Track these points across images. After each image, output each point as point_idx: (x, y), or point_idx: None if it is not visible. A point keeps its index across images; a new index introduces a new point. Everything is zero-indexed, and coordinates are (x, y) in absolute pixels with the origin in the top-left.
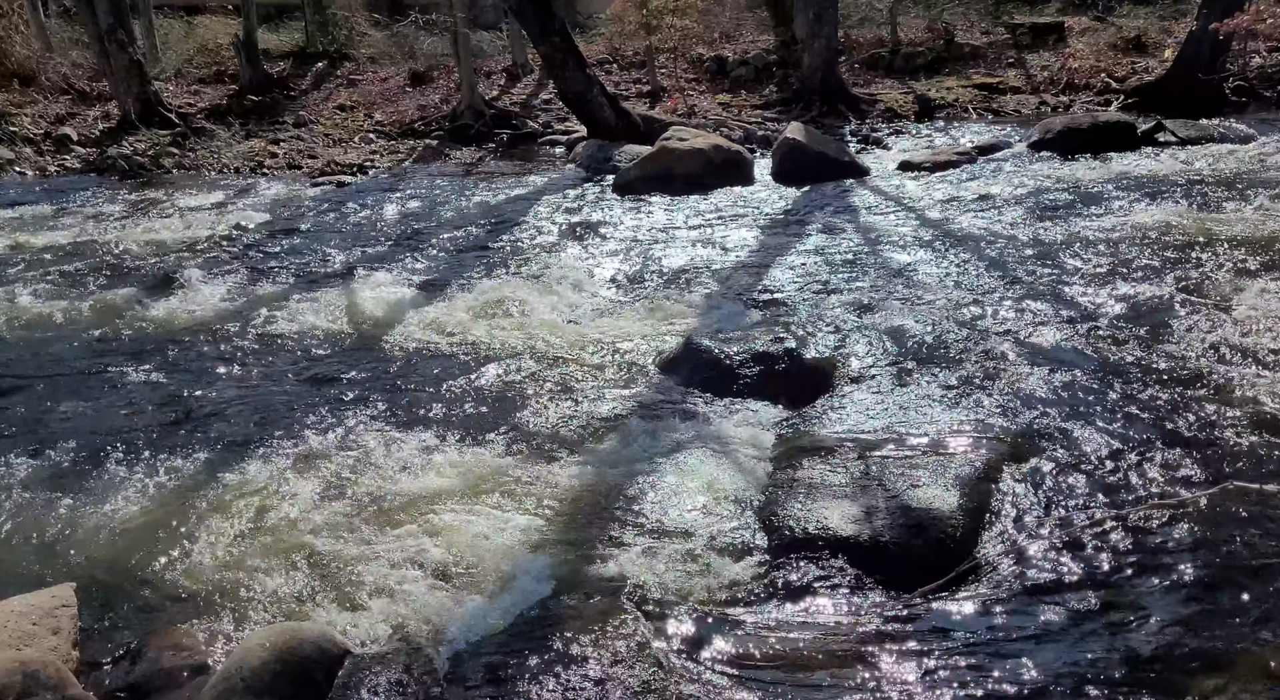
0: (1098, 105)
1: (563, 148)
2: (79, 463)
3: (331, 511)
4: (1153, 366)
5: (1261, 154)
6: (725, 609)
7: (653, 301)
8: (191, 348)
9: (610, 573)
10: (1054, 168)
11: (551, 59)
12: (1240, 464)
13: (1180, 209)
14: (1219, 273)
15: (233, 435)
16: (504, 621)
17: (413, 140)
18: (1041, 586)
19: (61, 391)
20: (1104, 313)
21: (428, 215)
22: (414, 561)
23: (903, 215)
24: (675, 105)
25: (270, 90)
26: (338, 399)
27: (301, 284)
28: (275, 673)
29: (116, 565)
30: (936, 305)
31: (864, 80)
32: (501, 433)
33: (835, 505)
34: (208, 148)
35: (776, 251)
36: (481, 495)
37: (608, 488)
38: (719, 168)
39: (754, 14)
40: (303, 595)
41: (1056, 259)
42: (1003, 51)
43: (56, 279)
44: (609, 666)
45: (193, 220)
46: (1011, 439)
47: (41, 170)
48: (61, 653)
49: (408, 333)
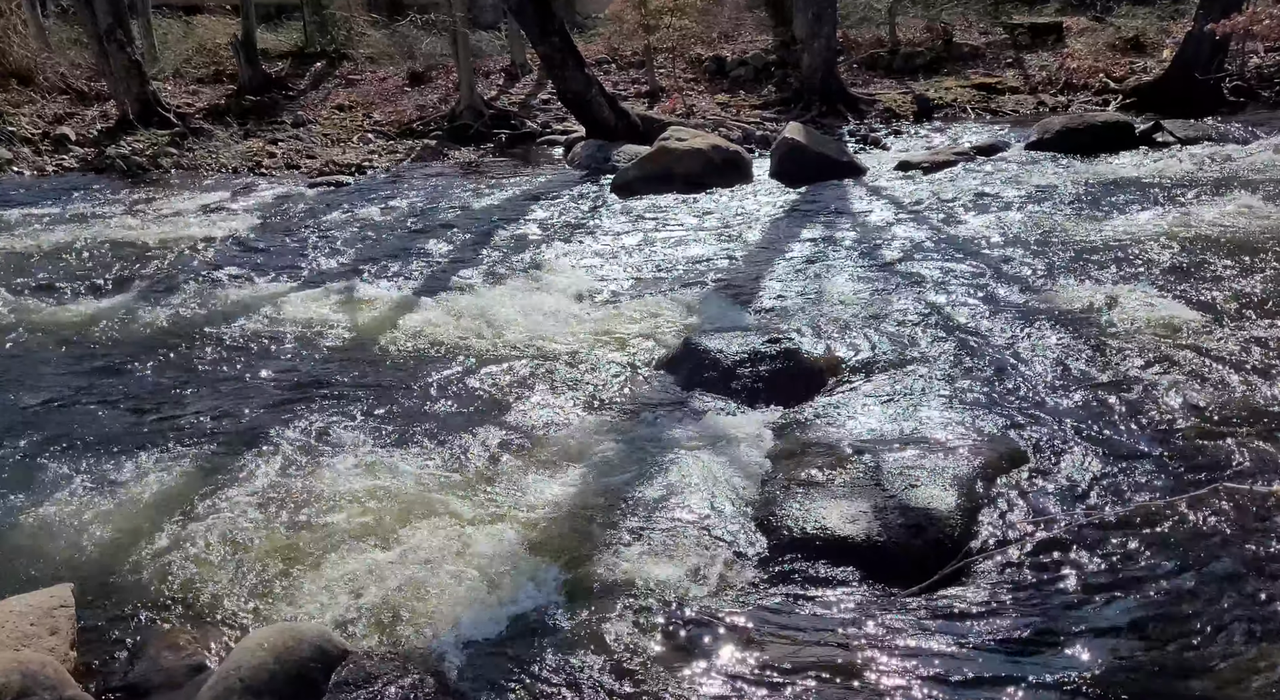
0: (1096, 105)
1: (561, 148)
2: (76, 463)
3: (330, 512)
4: (1148, 368)
5: (1259, 154)
6: (724, 609)
7: (651, 301)
8: (190, 349)
9: (609, 573)
10: (1052, 168)
11: (550, 59)
12: (1232, 465)
13: (1178, 210)
14: (1216, 274)
15: (232, 436)
16: (502, 623)
17: (411, 140)
18: (1035, 585)
19: (57, 392)
20: (1101, 314)
21: (426, 215)
22: (413, 562)
23: (901, 216)
24: (674, 105)
25: (269, 90)
26: (337, 400)
27: (299, 285)
28: (273, 673)
29: (115, 566)
30: (934, 306)
31: (863, 80)
32: (499, 433)
33: (834, 505)
34: (206, 148)
35: (775, 251)
36: (479, 496)
37: (606, 488)
38: (718, 168)
39: (753, 14)
40: (301, 595)
41: (1054, 260)
42: (1001, 52)
43: (53, 279)
44: (607, 667)
45: (190, 220)
46: (1008, 439)
47: (40, 170)
48: (60, 653)
49: (406, 333)
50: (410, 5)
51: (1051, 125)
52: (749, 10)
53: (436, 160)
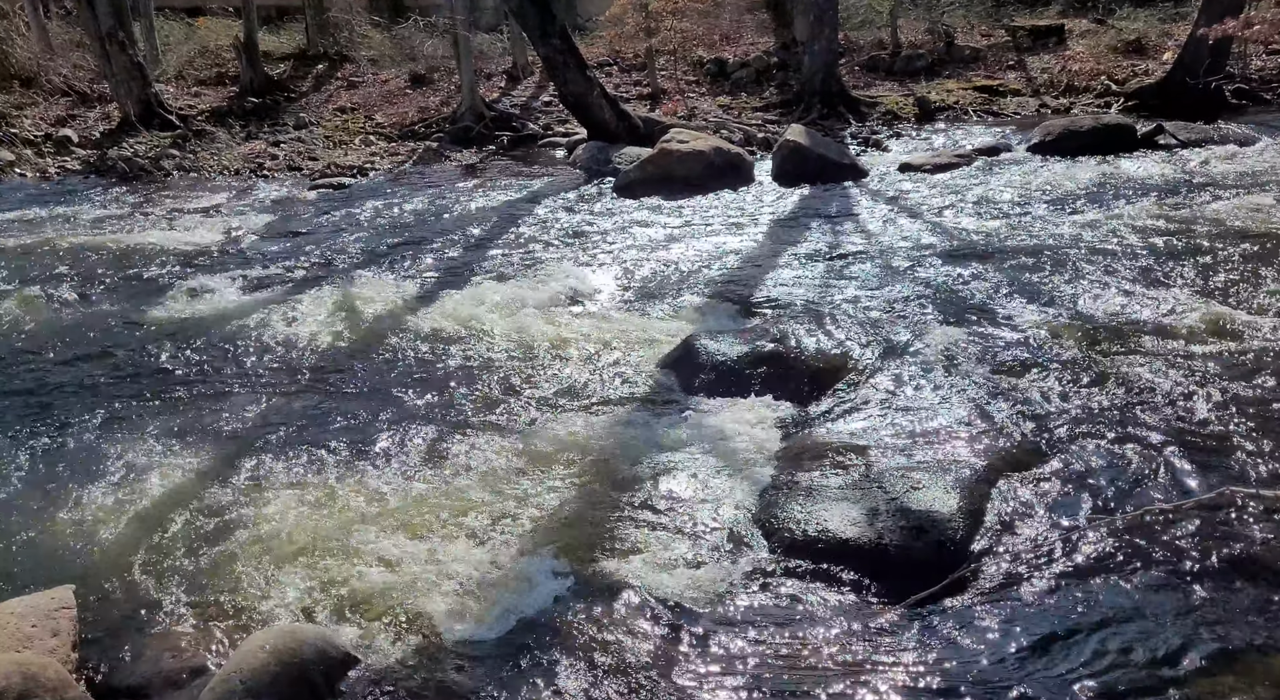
0: (1098, 108)
1: (563, 150)
2: (76, 465)
3: (330, 514)
4: (1152, 371)
5: (1261, 156)
6: (724, 612)
7: (653, 302)
8: (190, 351)
9: (610, 576)
10: (1054, 170)
11: (552, 61)
12: (1237, 469)
13: (1180, 212)
14: (1221, 277)
15: (232, 438)
16: (503, 624)
17: (413, 142)
18: (1037, 590)
19: (56, 394)
20: (1103, 316)
21: (428, 217)
22: (413, 564)
23: (903, 217)
24: (675, 107)
25: (271, 92)
26: (336, 402)
27: (301, 287)
28: (275, 675)
29: (116, 567)
30: (937, 308)
31: (864, 82)
32: (501, 434)
33: (835, 507)
34: (208, 150)
35: (777, 253)
36: (480, 498)
37: (606, 489)
38: (719, 169)
39: (754, 16)
40: (302, 597)
41: (1056, 262)
42: (1003, 54)
43: (55, 281)
44: (607, 669)
45: (193, 222)
46: (1010, 443)
47: (42, 172)
48: (61, 655)
49: (407, 335)
50: (412, 7)
51: (1053, 128)
52: (750, 13)
53: (438, 162)
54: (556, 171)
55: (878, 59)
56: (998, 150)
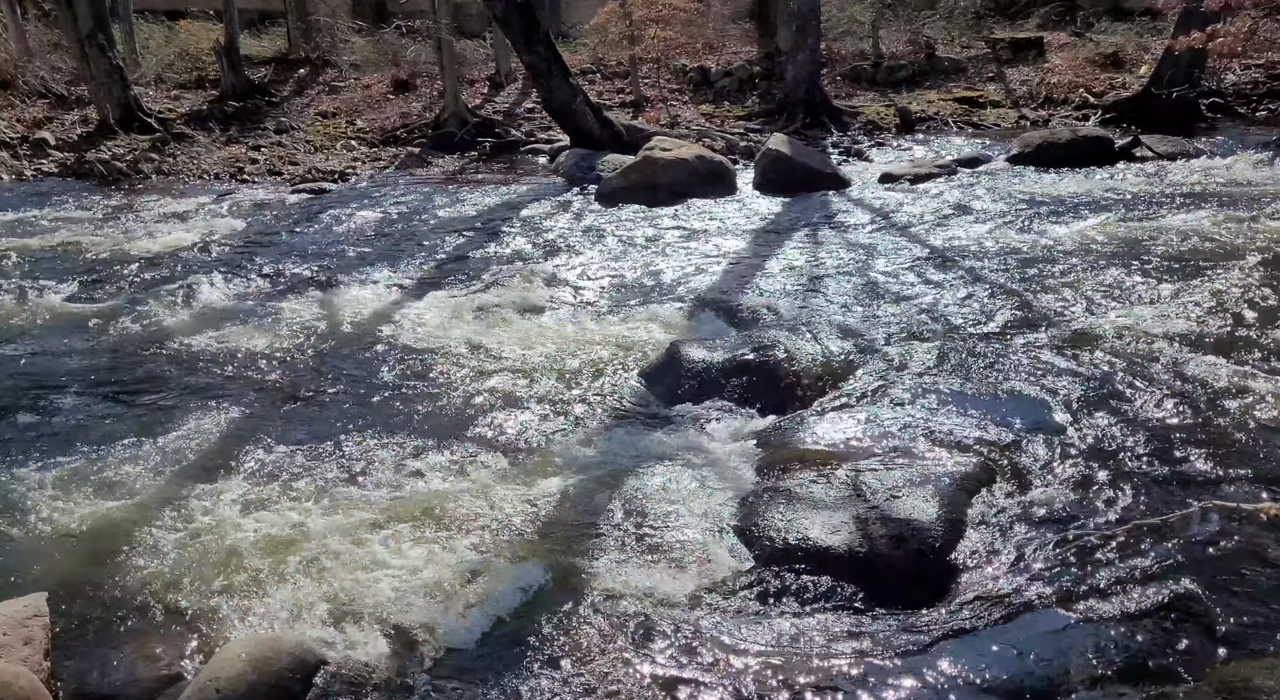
0: (1076, 120)
1: (546, 157)
2: (49, 470)
3: (309, 521)
4: (1133, 383)
5: (1235, 169)
6: (705, 619)
7: (635, 311)
8: (165, 355)
9: (590, 584)
10: (1033, 181)
11: (536, 68)
12: (1220, 483)
13: (1156, 224)
14: (1200, 288)
15: (208, 443)
16: (482, 632)
17: (395, 147)
18: (1017, 600)
19: (27, 398)
20: (1083, 327)
21: (409, 223)
22: (392, 571)
23: (884, 227)
24: (659, 115)
25: (252, 96)
26: (315, 409)
27: (279, 293)
28: (251, 683)
29: (90, 574)
30: (918, 318)
31: (846, 92)
32: (482, 442)
33: (816, 516)
34: (188, 153)
35: (759, 262)
36: (461, 506)
37: (588, 498)
38: (702, 178)
39: (738, 25)
40: (280, 605)
41: (1035, 273)
42: (983, 66)
43: (28, 284)
44: (586, 678)
45: (170, 227)
46: (992, 454)
47: (18, 174)
48: (34, 663)
49: (384, 343)
50: (395, 13)
51: (1032, 139)
52: (734, 22)
53: (420, 168)
54: (539, 178)
55: (860, 69)
56: (978, 161)
